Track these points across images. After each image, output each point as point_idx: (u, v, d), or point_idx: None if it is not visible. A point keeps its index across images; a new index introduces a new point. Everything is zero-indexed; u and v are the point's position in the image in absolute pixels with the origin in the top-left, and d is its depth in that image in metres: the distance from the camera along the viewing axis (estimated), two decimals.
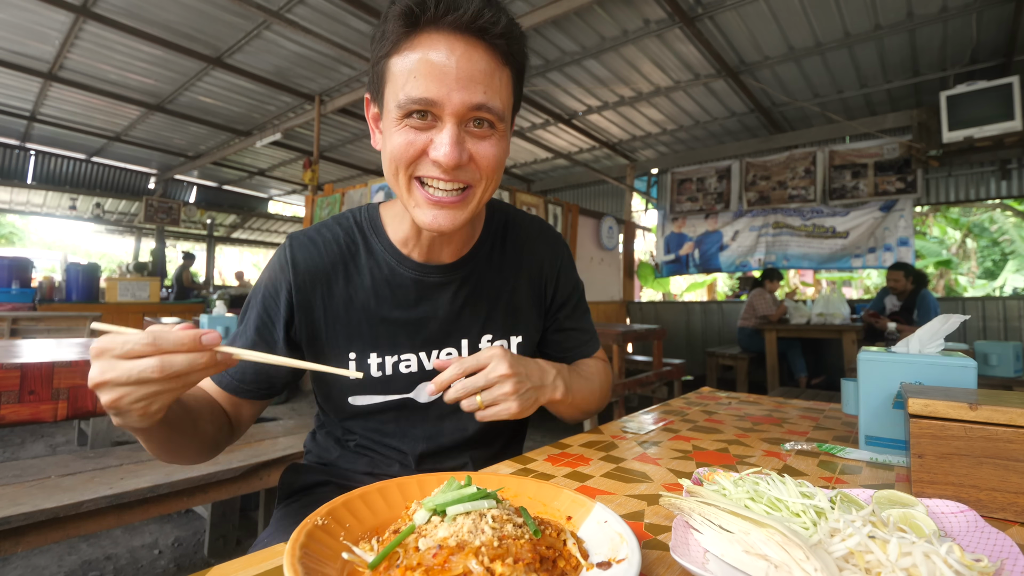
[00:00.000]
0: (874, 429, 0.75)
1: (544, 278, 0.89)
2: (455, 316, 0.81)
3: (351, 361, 0.78)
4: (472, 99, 0.62)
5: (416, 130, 0.64)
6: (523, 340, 0.87)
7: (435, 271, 0.80)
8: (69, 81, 5.17)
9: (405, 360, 0.79)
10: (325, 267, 0.78)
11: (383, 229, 0.81)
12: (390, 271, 0.79)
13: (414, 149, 0.65)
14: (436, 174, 0.65)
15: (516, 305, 0.86)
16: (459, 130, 0.64)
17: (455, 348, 0.82)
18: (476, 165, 0.67)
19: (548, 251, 0.90)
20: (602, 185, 7.65)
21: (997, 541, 0.41)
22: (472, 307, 0.82)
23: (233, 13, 3.94)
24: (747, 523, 0.39)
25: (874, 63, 4.36)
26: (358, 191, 4.56)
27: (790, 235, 5.91)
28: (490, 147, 0.67)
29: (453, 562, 0.37)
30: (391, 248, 0.79)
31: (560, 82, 4.90)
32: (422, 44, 0.62)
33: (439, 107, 0.62)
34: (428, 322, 0.80)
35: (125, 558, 1.97)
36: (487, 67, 0.64)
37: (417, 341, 0.79)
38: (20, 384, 1.59)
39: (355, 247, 0.80)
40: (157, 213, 8.55)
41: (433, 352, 0.80)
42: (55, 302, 6.05)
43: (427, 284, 0.79)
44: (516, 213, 0.91)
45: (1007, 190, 5.20)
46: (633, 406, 4.15)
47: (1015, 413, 0.51)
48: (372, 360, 0.78)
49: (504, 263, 0.86)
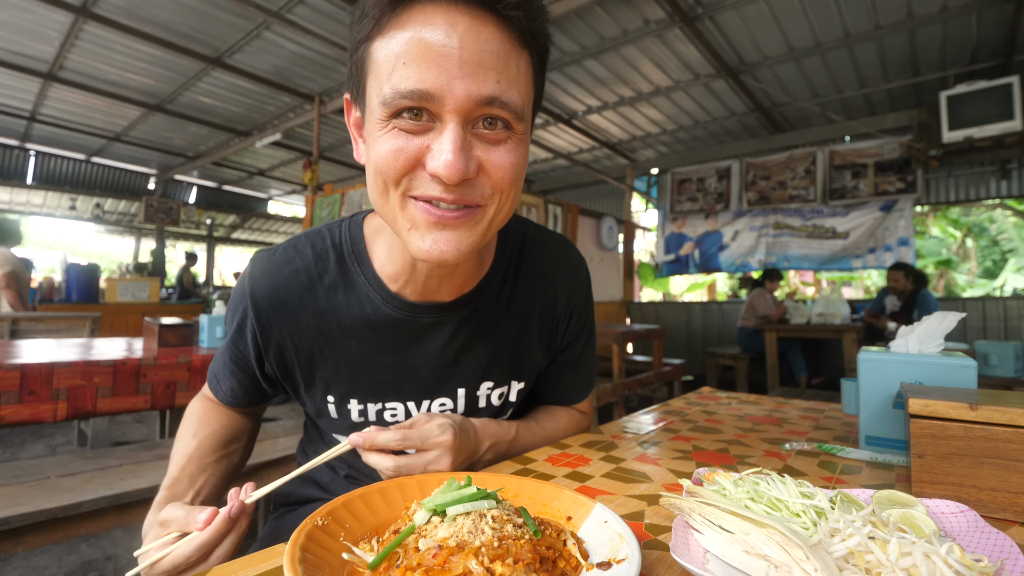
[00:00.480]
0: (874, 429, 0.75)
1: (558, 316, 0.76)
2: (451, 362, 0.68)
3: (330, 404, 0.69)
4: (481, 90, 0.47)
5: (408, 134, 0.49)
6: (524, 386, 0.76)
7: (429, 311, 0.66)
8: (69, 81, 5.17)
9: (391, 408, 0.69)
10: (291, 301, 0.65)
11: (367, 256, 0.66)
12: (373, 310, 0.65)
13: (405, 159, 0.49)
14: (436, 193, 0.50)
15: (522, 349, 0.73)
16: (464, 132, 0.49)
17: (450, 398, 0.70)
18: (487, 178, 0.52)
19: (567, 283, 0.76)
20: (602, 185, 7.65)
21: (997, 541, 0.41)
22: (472, 352, 0.69)
23: (233, 13, 3.93)
24: (747, 523, 0.39)
25: (874, 63, 4.36)
26: (358, 191, 4.56)
27: (790, 235, 5.91)
28: (505, 155, 0.51)
29: (453, 562, 0.37)
30: (376, 284, 0.65)
31: (560, 82, 4.90)
32: (413, 20, 0.47)
33: (437, 102, 0.47)
34: (418, 369, 0.68)
35: (125, 558, 1.97)
36: (500, 48, 0.48)
37: (405, 389, 0.68)
38: (20, 384, 1.59)
39: (330, 278, 0.66)
40: (157, 213, 8.55)
41: (424, 402, 0.69)
42: (55, 302, 6.06)
43: (419, 325, 0.66)
44: (536, 233, 0.76)
45: (1007, 190, 5.20)
46: (633, 406, 4.15)
47: (1015, 413, 0.51)
48: (353, 406, 0.68)
49: (515, 300, 0.71)
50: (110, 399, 1.78)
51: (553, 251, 0.76)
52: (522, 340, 0.72)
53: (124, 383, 1.81)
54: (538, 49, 0.54)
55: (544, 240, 0.76)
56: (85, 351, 1.99)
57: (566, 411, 0.85)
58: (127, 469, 1.63)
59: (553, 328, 0.76)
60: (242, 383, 0.73)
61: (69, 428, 3.81)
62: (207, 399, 0.79)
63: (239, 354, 0.70)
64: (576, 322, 0.78)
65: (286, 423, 2.30)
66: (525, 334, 0.72)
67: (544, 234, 0.77)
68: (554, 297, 0.75)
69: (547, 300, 0.74)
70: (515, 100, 0.50)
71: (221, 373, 0.74)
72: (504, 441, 0.71)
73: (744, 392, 2.22)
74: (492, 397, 0.73)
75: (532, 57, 0.53)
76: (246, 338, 0.68)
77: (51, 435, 3.69)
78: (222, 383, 0.74)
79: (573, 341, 0.79)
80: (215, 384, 0.76)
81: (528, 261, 0.73)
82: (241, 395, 0.74)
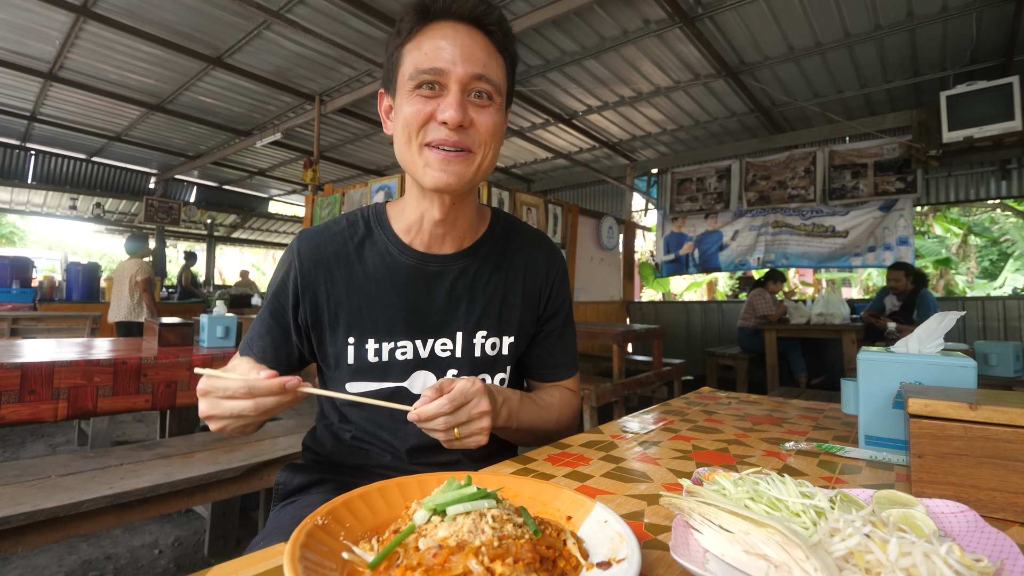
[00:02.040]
0: (874, 429, 0.75)
1: (539, 284, 0.91)
2: (452, 307, 0.84)
3: (350, 346, 0.81)
4: (473, 69, 0.72)
5: (425, 99, 0.72)
6: (515, 341, 0.88)
7: (435, 260, 0.83)
8: (69, 81, 5.17)
9: (401, 347, 0.82)
10: (328, 256, 0.82)
11: (388, 222, 0.86)
12: (391, 259, 0.83)
13: (423, 115, 0.72)
14: (443, 136, 0.72)
15: (511, 305, 0.88)
16: (462, 96, 0.72)
17: (449, 339, 0.84)
18: (477, 131, 0.74)
19: (546, 259, 0.93)
20: (602, 185, 7.65)
21: (997, 541, 0.41)
22: (468, 300, 0.85)
23: (233, 13, 3.93)
24: (747, 523, 0.39)
25: (874, 63, 4.36)
26: (358, 191, 4.56)
27: (789, 234, 5.90)
28: (488, 116, 0.74)
29: (453, 562, 0.37)
30: (394, 238, 0.84)
31: (560, 82, 4.90)
32: (432, 31, 0.73)
33: (445, 76, 0.71)
34: (425, 310, 0.83)
35: (125, 558, 1.97)
36: (486, 48, 0.74)
37: (414, 328, 0.82)
38: (20, 384, 1.59)
39: (358, 237, 0.84)
40: (157, 213, 8.55)
41: (428, 341, 0.83)
42: (55, 302, 6.06)
43: (426, 272, 0.83)
44: (520, 223, 0.95)
45: (1007, 190, 5.20)
46: (633, 406, 4.15)
47: (1015, 413, 0.51)
48: (369, 345, 0.81)
49: (502, 263, 0.88)
50: (110, 399, 1.78)
51: (534, 236, 0.95)
52: (508, 297, 0.88)
53: (124, 382, 1.82)
54: (509, 57, 0.79)
55: (525, 228, 0.96)
56: (85, 351, 1.99)
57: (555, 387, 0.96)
58: (127, 469, 1.63)
59: (537, 294, 0.91)
60: (275, 340, 0.83)
61: (69, 427, 3.81)
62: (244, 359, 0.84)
63: (278, 307, 0.83)
64: (557, 295, 0.93)
65: (286, 423, 2.30)
66: (511, 293, 0.88)
67: (526, 226, 0.96)
68: (536, 269, 0.91)
69: (531, 270, 0.91)
70: (495, 79, 0.74)
71: (256, 334, 0.84)
72: (513, 400, 0.80)
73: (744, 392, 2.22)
74: (486, 346, 0.85)
75: (505, 60, 0.78)
76: (287, 289, 0.82)
77: (51, 434, 3.69)
78: (255, 344, 0.83)
79: (556, 312, 0.93)
80: (246, 348, 0.84)
81: (514, 238, 0.92)
82: (271, 354, 0.83)
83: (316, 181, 5.03)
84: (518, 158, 7.28)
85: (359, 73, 4.82)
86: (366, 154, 7.31)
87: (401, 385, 0.82)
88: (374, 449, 0.85)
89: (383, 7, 3.74)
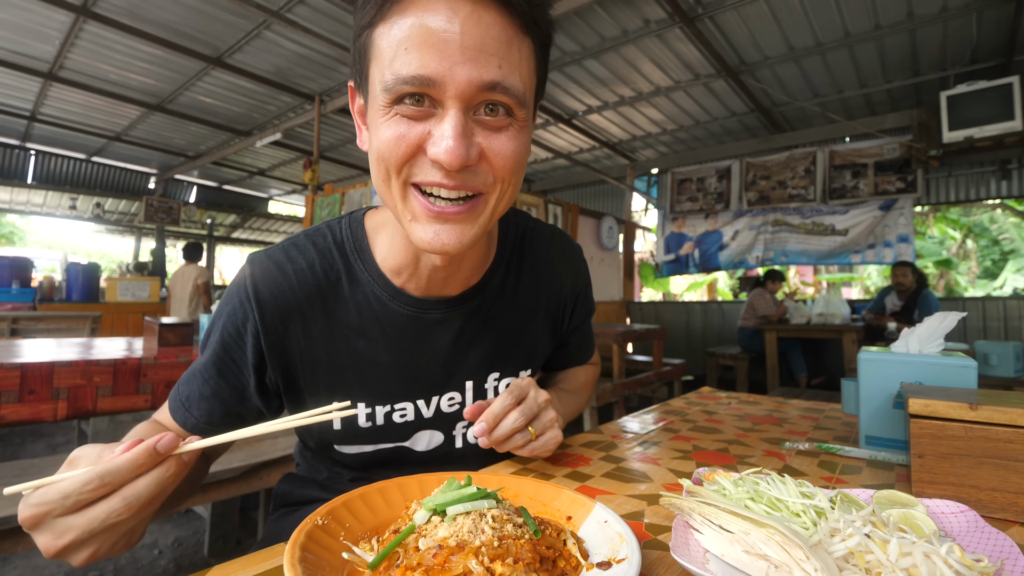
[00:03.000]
0: (874, 429, 0.75)
1: (563, 305, 0.78)
2: (460, 357, 0.69)
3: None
4: (483, 76, 0.48)
5: (409, 120, 0.49)
6: (530, 374, 0.77)
7: (436, 306, 0.66)
8: (69, 81, 5.17)
9: (400, 409, 0.67)
10: (298, 302, 0.63)
11: (369, 252, 0.66)
12: (380, 307, 0.65)
13: (406, 145, 0.50)
14: (437, 179, 0.50)
15: (531, 338, 0.74)
16: (465, 118, 0.49)
17: (458, 392, 0.70)
18: (489, 165, 0.52)
19: (570, 273, 0.78)
20: (602, 185, 7.65)
21: (997, 541, 0.41)
22: (480, 345, 0.69)
23: (233, 13, 3.93)
24: (747, 523, 0.39)
25: (874, 63, 4.36)
26: (358, 191, 4.56)
27: (789, 232, 5.91)
28: (507, 142, 0.51)
29: (453, 562, 0.37)
30: (381, 280, 0.65)
31: (560, 82, 4.90)
32: (415, 6, 0.48)
33: (438, 87, 0.47)
34: (427, 365, 0.67)
35: (125, 558, 1.97)
36: (502, 34, 0.49)
37: (414, 387, 0.67)
38: (20, 384, 1.59)
39: (335, 275, 0.65)
40: (157, 213, 8.55)
41: (433, 399, 0.69)
42: (55, 302, 6.06)
43: (426, 322, 0.66)
44: (535, 225, 0.77)
45: (1007, 190, 5.20)
46: (633, 406, 4.15)
47: (1015, 413, 0.51)
48: (360, 410, 0.66)
49: (520, 292, 0.72)
50: (110, 399, 1.78)
51: (552, 240, 0.77)
52: (528, 330, 0.73)
53: (124, 382, 1.82)
54: (540, 36, 0.53)
55: (543, 231, 0.77)
56: (85, 351, 1.99)
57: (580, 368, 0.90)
58: None
59: (559, 315, 0.78)
60: (225, 403, 0.64)
61: (69, 428, 3.81)
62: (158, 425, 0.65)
63: (229, 364, 0.63)
64: (581, 307, 0.81)
65: None
66: (531, 324, 0.73)
67: (542, 225, 0.78)
68: (560, 286, 0.77)
69: (552, 289, 0.76)
70: (517, 85, 0.50)
71: (196, 394, 0.64)
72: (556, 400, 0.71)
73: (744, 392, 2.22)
74: (499, 388, 0.73)
75: (534, 44, 0.53)
76: (244, 346, 0.62)
77: (51, 434, 3.69)
78: (193, 407, 0.64)
79: (580, 324, 0.83)
80: (181, 410, 0.64)
81: (530, 252, 0.74)
82: (218, 419, 0.64)
83: (316, 181, 5.03)
84: None
85: None
86: (366, 154, 7.30)
87: (402, 445, 0.69)
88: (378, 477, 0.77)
89: None
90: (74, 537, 0.40)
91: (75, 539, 0.40)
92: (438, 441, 0.71)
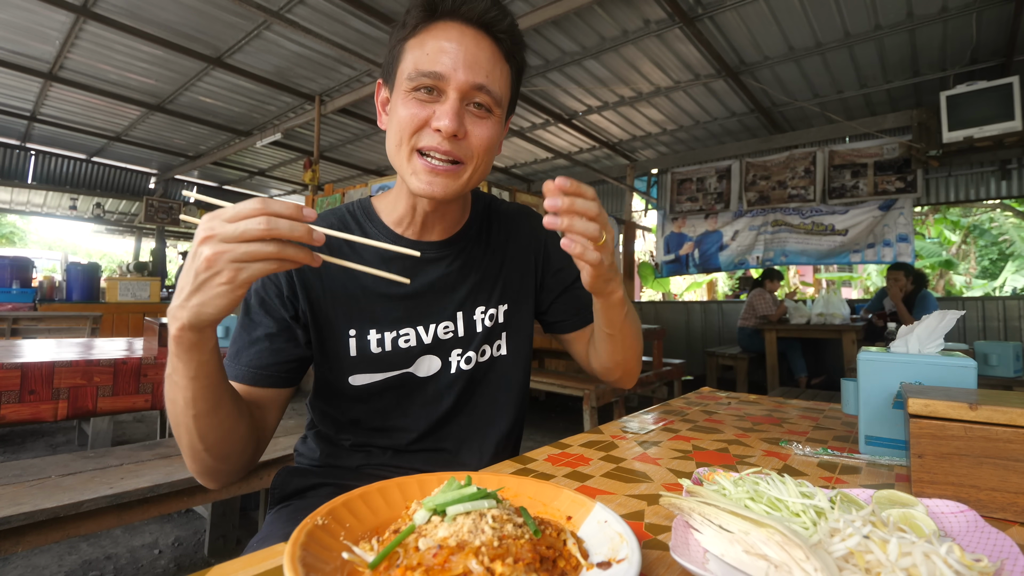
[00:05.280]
0: (874, 429, 0.75)
1: (527, 249, 0.93)
2: (449, 289, 0.84)
3: (351, 338, 0.79)
4: (475, 78, 0.69)
5: (422, 103, 0.70)
6: (508, 308, 0.89)
7: (428, 247, 0.83)
8: (69, 81, 5.17)
9: (404, 335, 0.81)
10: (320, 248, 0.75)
11: (376, 215, 0.85)
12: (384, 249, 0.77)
13: (418, 120, 0.70)
14: (435, 144, 0.70)
15: (505, 277, 0.89)
16: (460, 105, 0.70)
17: (450, 320, 0.84)
18: (470, 143, 0.72)
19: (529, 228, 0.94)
20: (602, 185, 7.65)
21: (997, 541, 0.41)
22: (464, 280, 0.86)
23: (233, 13, 3.93)
24: (747, 523, 0.39)
25: (874, 63, 4.36)
26: (358, 191, 4.57)
27: (788, 232, 5.90)
28: (485, 129, 0.72)
29: (453, 562, 0.37)
30: (385, 229, 0.83)
31: (560, 82, 4.90)
32: (437, 30, 0.70)
33: (445, 81, 0.69)
34: (424, 296, 0.83)
35: (125, 558, 1.97)
36: (491, 56, 0.71)
37: (414, 314, 0.82)
38: (20, 384, 1.59)
39: (351, 229, 0.83)
40: (157, 213, 8.55)
41: (430, 326, 0.83)
42: (55, 302, 6.05)
43: (421, 260, 0.82)
44: (497, 199, 0.97)
45: (1007, 190, 5.20)
46: (633, 406, 4.15)
47: (1015, 413, 0.51)
48: (372, 336, 0.80)
49: (491, 240, 0.90)
50: (110, 399, 1.78)
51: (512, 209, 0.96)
52: (503, 268, 0.90)
53: (124, 382, 1.82)
54: (516, 67, 0.77)
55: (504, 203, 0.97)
56: (85, 351, 1.99)
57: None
58: (127, 468, 1.63)
59: (529, 259, 0.93)
60: (272, 339, 0.75)
61: (69, 427, 3.81)
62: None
63: (267, 304, 0.76)
64: (553, 252, 0.94)
65: (286, 423, 2.30)
66: (504, 266, 0.90)
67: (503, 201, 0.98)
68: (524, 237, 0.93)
69: (519, 236, 0.93)
70: (497, 91, 0.72)
71: (244, 342, 0.75)
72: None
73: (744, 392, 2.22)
74: (485, 320, 0.87)
75: (512, 69, 0.76)
76: (279, 282, 0.76)
77: (51, 434, 3.69)
78: (243, 354, 0.74)
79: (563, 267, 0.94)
80: (232, 365, 0.74)
81: (495, 215, 0.94)
82: (268, 358, 0.74)
83: (316, 181, 5.03)
84: (518, 158, 7.28)
85: (359, 73, 4.82)
86: (366, 154, 7.30)
87: (407, 371, 0.82)
88: (375, 449, 0.84)
89: (383, 7, 3.74)
90: (222, 230, 0.50)
91: (222, 232, 0.50)
92: (436, 366, 0.84)
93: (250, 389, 0.73)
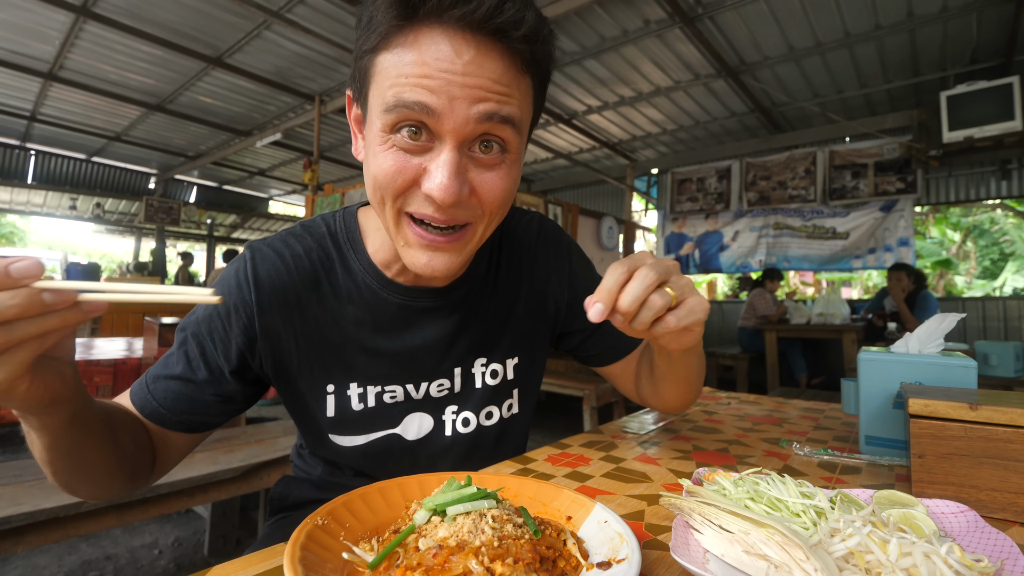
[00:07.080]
0: (874, 429, 0.75)
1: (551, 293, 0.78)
2: (448, 344, 0.71)
3: (329, 395, 0.67)
4: (480, 110, 0.49)
5: (406, 153, 0.51)
6: (519, 362, 0.77)
7: (425, 296, 0.69)
8: (69, 81, 5.17)
9: (390, 391, 0.69)
10: (295, 286, 0.65)
11: (362, 244, 0.69)
12: (371, 295, 0.67)
13: (403, 179, 0.52)
14: (429, 212, 0.53)
15: (516, 326, 0.76)
16: (460, 156, 0.51)
17: (447, 378, 0.72)
18: (478, 200, 0.54)
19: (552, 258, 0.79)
20: (602, 185, 7.65)
21: (997, 541, 0.41)
22: (467, 333, 0.72)
23: (233, 13, 3.93)
24: (747, 523, 0.39)
25: (874, 63, 4.36)
26: (358, 191, 4.56)
27: (791, 236, 5.91)
28: (498, 179, 0.54)
29: (453, 562, 0.37)
30: (372, 269, 0.67)
31: (560, 82, 4.90)
32: (420, 41, 0.48)
33: (437, 120, 0.49)
34: (416, 352, 0.69)
35: (125, 558, 1.97)
36: (503, 76, 0.50)
37: (404, 373, 0.69)
38: None
39: (329, 263, 0.67)
40: (157, 213, 8.55)
41: (422, 384, 0.70)
42: None
43: (415, 310, 0.69)
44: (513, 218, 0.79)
45: (1007, 190, 5.20)
46: (633, 406, 4.15)
47: (1015, 413, 0.51)
48: (352, 391, 0.68)
49: (500, 279, 0.75)
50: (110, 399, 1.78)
51: (528, 232, 0.78)
52: (512, 316, 0.75)
53: (125, 382, 1.82)
54: (540, 73, 0.55)
55: (519, 224, 0.79)
56: (86, 351, 1.99)
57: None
58: None
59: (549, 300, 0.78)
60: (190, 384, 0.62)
61: None
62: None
63: (209, 345, 0.63)
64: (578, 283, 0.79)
65: (286, 423, 2.30)
66: (514, 310, 0.76)
67: (518, 217, 0.80)
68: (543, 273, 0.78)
69: (535, 272, 0.77)
70: (513, 118, 0.51)
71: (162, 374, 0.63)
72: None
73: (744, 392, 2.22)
74: (486, 375, 0.74)
75: (534, 81, 0.55)
76: (230, 327, 0.62)
77: None
78: (153, 384, 0.63)
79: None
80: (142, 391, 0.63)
81: (508, 244, 0.77)
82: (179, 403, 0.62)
83: (316, 181, 5.03)
84: None
85: None
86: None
87: (393, 432, 0.70)
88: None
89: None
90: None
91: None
92: (428, 427, 0.72)
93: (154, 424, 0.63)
